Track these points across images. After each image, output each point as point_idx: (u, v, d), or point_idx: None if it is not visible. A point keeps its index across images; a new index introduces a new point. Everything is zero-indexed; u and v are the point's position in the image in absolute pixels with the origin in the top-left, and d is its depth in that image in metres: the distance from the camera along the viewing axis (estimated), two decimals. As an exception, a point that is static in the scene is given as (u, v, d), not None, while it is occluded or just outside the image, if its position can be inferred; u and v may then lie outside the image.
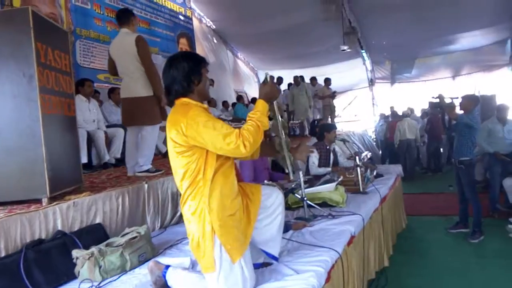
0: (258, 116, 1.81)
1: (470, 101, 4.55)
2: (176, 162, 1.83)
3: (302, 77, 9.06)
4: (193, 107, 1.80)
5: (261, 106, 1.86)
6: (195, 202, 1.80)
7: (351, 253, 2.69)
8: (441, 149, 9.45)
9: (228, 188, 1.84)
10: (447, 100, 4.78)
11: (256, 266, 2.07)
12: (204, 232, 1.77)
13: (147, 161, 3.69)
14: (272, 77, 1.97)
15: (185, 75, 1.84)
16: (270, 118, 1.95)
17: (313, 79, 9.57)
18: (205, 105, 1.92)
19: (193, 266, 2.28)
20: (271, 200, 2.08)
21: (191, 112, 1.76)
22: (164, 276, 2.01)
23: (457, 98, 4.80)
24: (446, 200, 6.42)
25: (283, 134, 2.22)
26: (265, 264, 2.19)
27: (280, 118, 2.22)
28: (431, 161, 9.42)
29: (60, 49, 2.79)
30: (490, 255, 4.11)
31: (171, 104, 1.92)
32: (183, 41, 8.80)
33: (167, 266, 2.05)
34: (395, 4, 8.40)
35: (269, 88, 1.92)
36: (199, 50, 9.51)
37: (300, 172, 3.15)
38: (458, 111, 4.65)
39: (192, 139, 1.74)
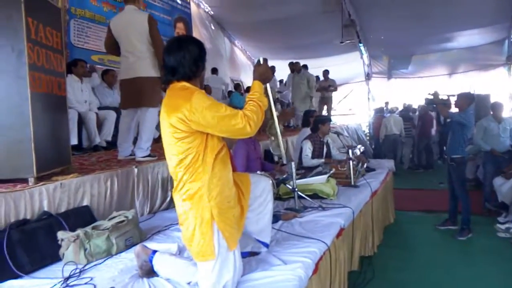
0: (257, 97, 1.85)
1: (464, 99, 4.55)
2: (174, 148, 1.78)
3: (305, 66, 8.89)
4: (195, 92, 1.76)
5: (258, 86, 1.90)
6: (193, 188, 1.76)
7: (339, 245, 2.70)
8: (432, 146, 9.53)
9: (226, 176, 1.83)
10: (444, 98, 4.78)
11: (244, 255, 2.05)
12: (202, 218, 1.75)
13: (149, 144, 3.62)
14: (265, 59, 1.92)
15: (195, 58, 1.82)
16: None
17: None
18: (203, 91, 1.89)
19: (180, 252, 2.26)
20: (260, 188, 2.08)
21: (194, 97, 1.72)
22: (151, 261, 1.99)
23: (453, 96, 4.81)
24: (436, 196, 6.47)
25: (276, 117, 2.21)
26: (252, 254, 2.18)
27: (272, 102, 2.21)
28: (422, 157, 9.49)
29: (52, 26, 2.71)
30: (477, 252, 4.16)
31: (167, 86, 1.87)
32: (180, 25, 8.66)
33: (154, 251, 2.03)
34: (393, 0, 8.36)
35: (263, 68, 1.95)
36: (196, 36, 9.36)
37: (292, 163, 3.13)
38: (454, 108, 4.65)
39: (196, 123, 1.71)
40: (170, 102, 1.78)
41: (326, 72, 9.25)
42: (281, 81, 10.59)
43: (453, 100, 4.77)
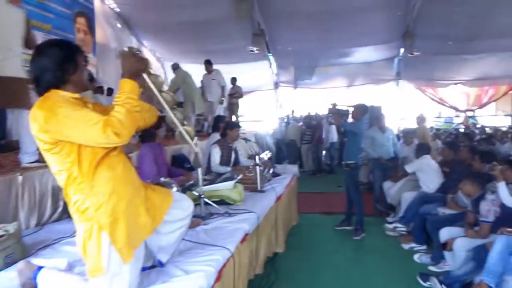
0: (123, 99, 1.61)
1: (359, 110, 4.97)
2: (48, 159, 1.62)
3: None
4: (51, 98, 1.57)
5: (126, 85, 1.64)
6: (79, 200, 1.62)
7: (244, 251, 2.72)
8: (323, 152, 10.27)
9: (118, 181, 1.69)
10: (345, 108, 5.14)
11: (144, 269, 1.94)
12: (90, 231, 1.61)
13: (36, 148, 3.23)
14: (131, 48, 1.76)
15: (58, 63, 1.61)
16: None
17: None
18: (77, 95, 1.68)
19: (70, 268, 2.05)
20: (181, 209, 2.00)
21: (47, 104, 1.54)
22: (35, 278, 1.78)
23: (352, 106, 5.23)
24: (336, 199, 6.94)
25: (169, 108, 2.06)
26: (154, 266, 2.08)
27: (157, 91, 1.92)
28: (321, 163, 10.22)
29: None
30: (368, 251, 4.54)
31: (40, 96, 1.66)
32: (80, 20, 8.00)
33: (40, 267, 1.83)
34: (300, 13, 8.84)
35: (131, 61, 1.69)
36: (99, 34, 8.78)
37: (199, 169, 3.08)
38: (350, 118, 5.05)
39: (57, 133, 1.54)
40: (31, 113, 1.59)
41: (233, 80, 9.41)
42: None
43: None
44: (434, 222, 3.99)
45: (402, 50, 10.91)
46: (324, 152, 10.22)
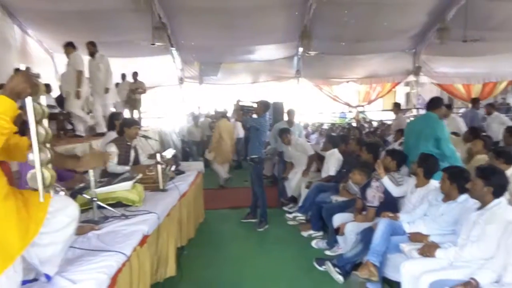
0: None
1: (261, 106, 5.12)
2: None
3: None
4: None
5: (2, 102, 1.44)
6: None
7: (143, 253, 2.61)
8: None
9: None
10: (249, 104, 5.21)
11: (24, 283, 1.74)
12: None
13: None
14: (29, 69, 1.51)
15: None
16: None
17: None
18: None
19: None
20: (64, 216, 1.81)
21: None
22: None
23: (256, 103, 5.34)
24: (243, 193, 7.07)
25: (37, 145, 1.65)
26: (36, 280, 1.87)
27: (34, 126, 1.62)
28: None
29: None
30: (272, 241, 4.73)
31: None
32: None
33: None
34: (202, 9, 8.76)
35: (19, 79, 1.49)
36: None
37: (91, 171, 2.85)
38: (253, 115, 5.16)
39: None
40: None
41: (135, 74, 9.00)
42: None
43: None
44: (328, 209, 4.30)
45: (301, 49, 11.51)
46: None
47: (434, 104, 4.18)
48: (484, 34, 9.65)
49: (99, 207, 2.88)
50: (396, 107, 9.09)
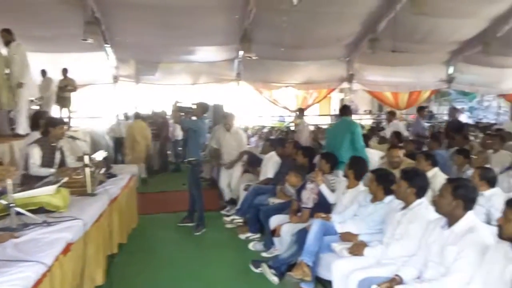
0: None
1: (199, 108, 5.05)
2: None
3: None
4: None
5: None
6: None
7: (67, 262, 2.43)
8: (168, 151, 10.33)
9: None
10: (188, 106, 5.09)
11: None
12: None
13: None
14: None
15: None
16: None
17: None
18: None
19: None
20: None
21: None
22: None
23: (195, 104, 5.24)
24: (180, 197, 6.88)
25: None
26: None
27: None
28: (165, 160, 10.08)
29: None
30: (209, 245, 4.66)
31: None
32: None
33: None
34: (141, 4, 8.41)
35: None
36: None
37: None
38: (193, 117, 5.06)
39: None
40: None
41: (65, 71, 8.44)
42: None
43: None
44: (265, 211, 4.35)
45: (241, 52, 11.56)
46: (169, 150, 10.08)
47: (346, 110, 5.38)
48: (411, 46, 10.42)
49: (18, 213, 2.63)
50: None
